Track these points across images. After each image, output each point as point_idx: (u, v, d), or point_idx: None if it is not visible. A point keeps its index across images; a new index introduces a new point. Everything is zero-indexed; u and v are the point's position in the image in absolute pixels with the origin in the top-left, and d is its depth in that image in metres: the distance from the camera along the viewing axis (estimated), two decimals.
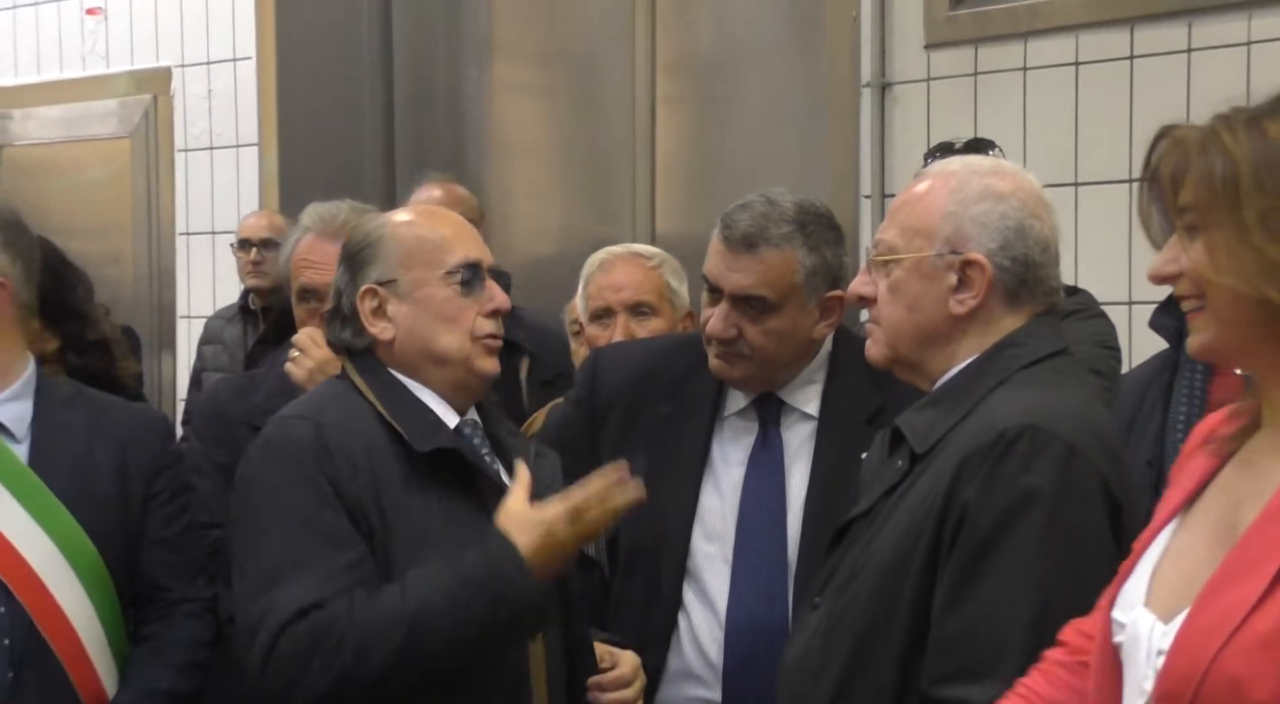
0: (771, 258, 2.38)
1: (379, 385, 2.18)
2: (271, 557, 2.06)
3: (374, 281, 2.19)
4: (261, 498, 2.10)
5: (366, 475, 2.10)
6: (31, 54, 5.29)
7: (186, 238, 4.98)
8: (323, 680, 1.99)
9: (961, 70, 3.62)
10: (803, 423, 2.48)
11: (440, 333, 2.18)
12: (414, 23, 4.90)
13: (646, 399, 2.55)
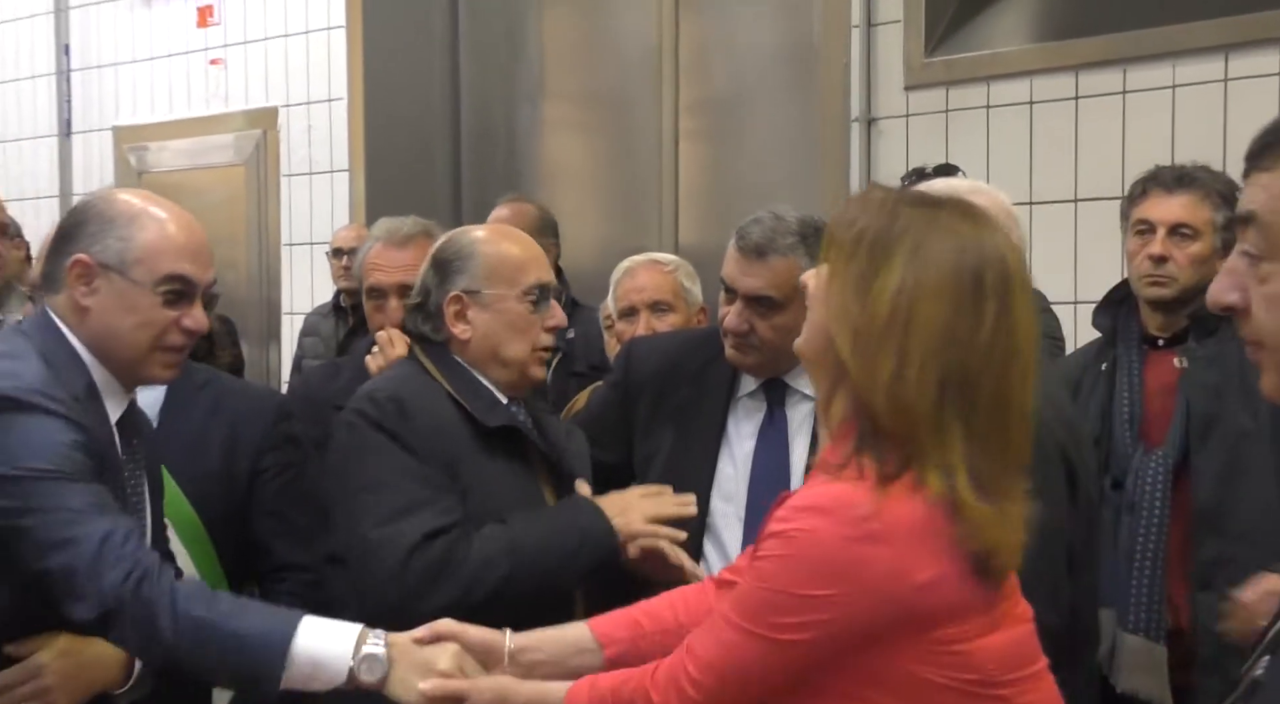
0: (778, 264, 2.35)
1: (448, 370, 2.17)
2: (389, 501, 2.05)
3: (461, 289, 2.18)
4: (370, 458, 2.08)
5: (445, 442, 2.10)
6: (165, 97, 5.30)
7: (289, 248, 4.99)
8: (447, 594, 1.99)
9: (935, 108, 3.60)
10: (804, 403, 2.44)
11: (510, 341, 2.18)
12: (478, 70, 4.89)
13: (673, 383, 2.52)
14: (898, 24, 3.64)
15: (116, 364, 2.00)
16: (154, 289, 1.96)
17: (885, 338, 1.38)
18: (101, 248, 1.96)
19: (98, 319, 1.96)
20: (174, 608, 1.78)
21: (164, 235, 1.99)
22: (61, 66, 5.52)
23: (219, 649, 1.80)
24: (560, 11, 4.74)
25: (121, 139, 5.42)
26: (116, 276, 1.95)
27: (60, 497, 1.81)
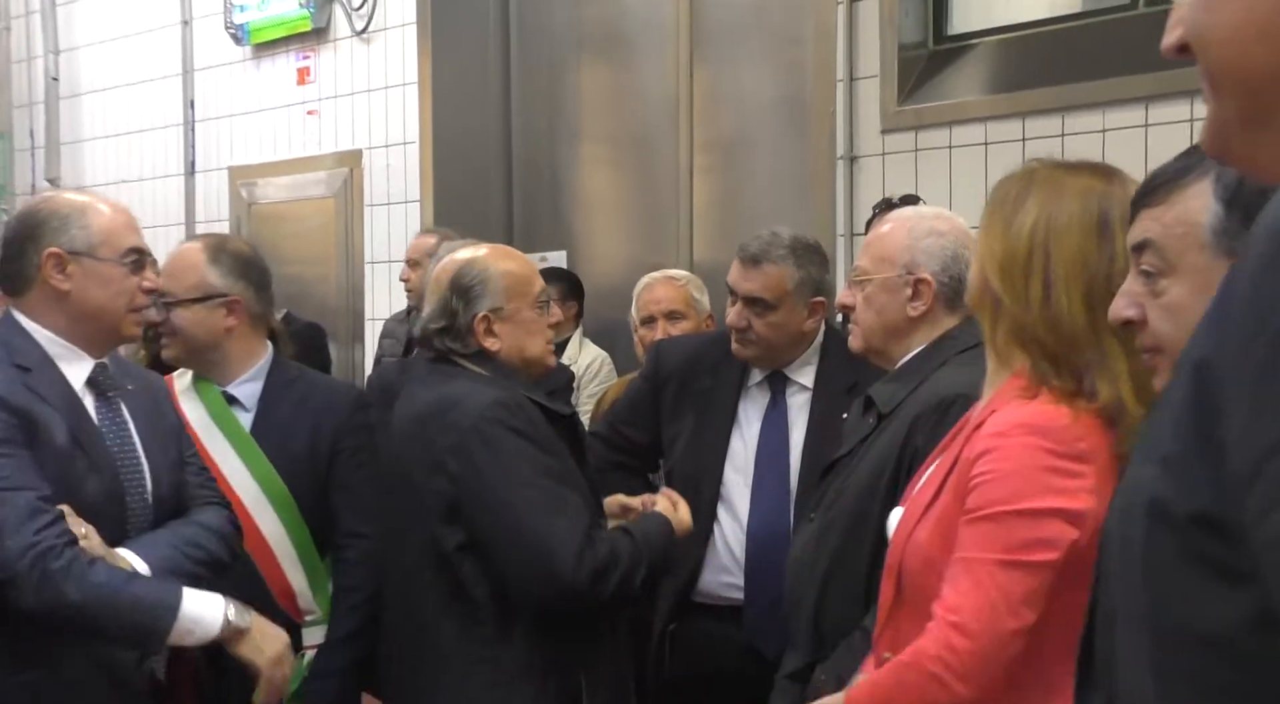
0: (771, 271, 2.37)
1: (503, 375, 2.12)
2: (537, 504, 1.97)
3: (486, 311, 2.10)
4: (514, 460, 1.99)
5: (550, 437, 2.06)
6: (270, 142, 5.32)
7: (371, 265, 4.99)
8: (609, 589, 1.96)
9: (906, 148, 3.58)
10: (801, 392, 2.46)
11: (530, 343, 2.14)
12: (526, 116, 4.88)
13: (693, 375, 2.53)
14: (875, 78, 3.63)
15: (95, 333, 1.96)
16: (120, 261, 1.96)
17: (1029, 267, 1.39)
18: (68, 239, 1.93)
19: (78, 297, 1.93)
20: (80, 576, 1.75)
21: (113, 218, 1.99)
22: (187, 118, 5.55)
23: (118, 609, 1.79)
24: (594, 67, 4.74)
25: (235, 177, 5.43)
26: (87, 259, 1.93)
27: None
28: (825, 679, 1.83)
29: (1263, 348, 0.56)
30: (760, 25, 4.18)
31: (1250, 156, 0.70)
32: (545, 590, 1.96)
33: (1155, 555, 0.63)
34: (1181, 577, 0.61)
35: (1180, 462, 0.62)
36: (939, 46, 3.64)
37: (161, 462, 2.02)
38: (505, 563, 1.99)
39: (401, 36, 4.79)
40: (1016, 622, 1.34)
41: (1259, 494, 0.56)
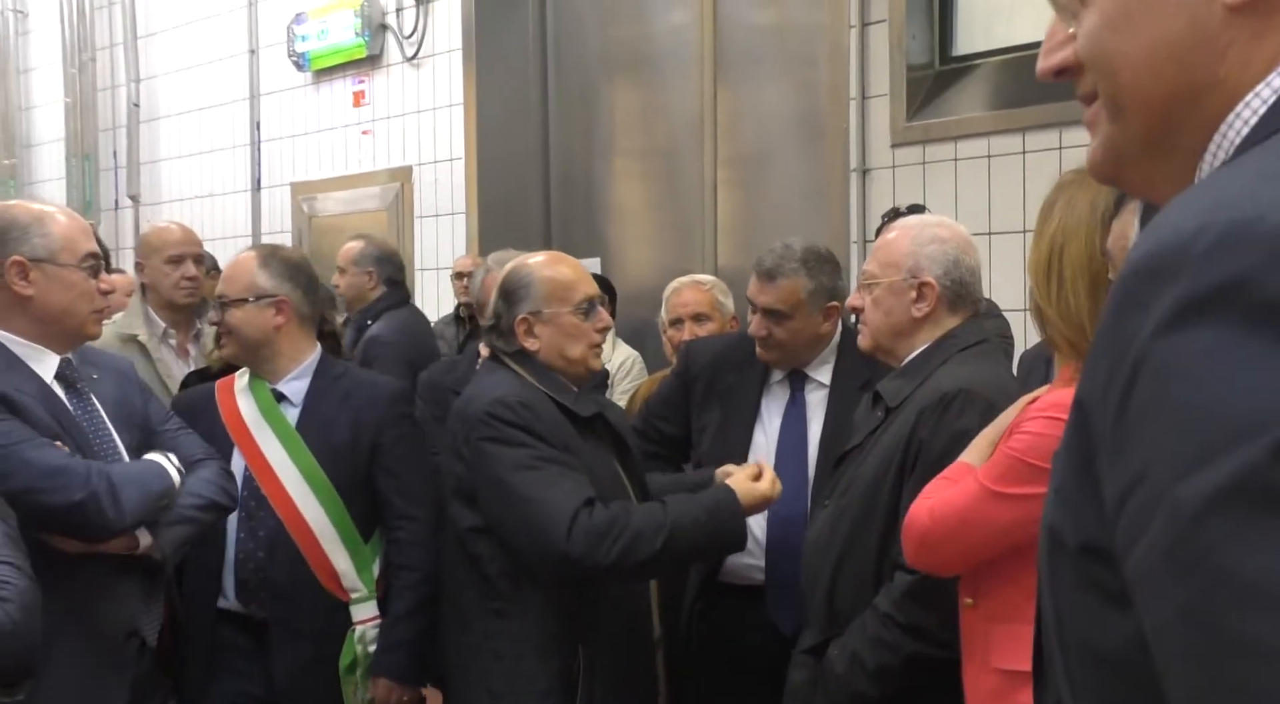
0: (785, 284, 2.36)
1: (538, 374, 2.11)
2: (539, 478, 1.94)
3: (527, 313, 2.10)
4: (514, 449, 1.98)
5: (560, 430, 2.03)
6: (329, 159, 5.35)
7: (421, 272, 5.00)
8: (605, 557, 1.89)
9: (914, 161, 3.57)
10: (819, 389, 2.44)
11: (569, 345, 2.11)
12: (562, 134, 4.89)
13: (720, 373, 2.52)
14: (885, 97, 3.62)
15: (59, 334, 1.95)
16: (79, 266, 1.94)
17: (1050, 268, 1.45)
18: (29, 248, 1.91)
19: (41, 301, 1.92)
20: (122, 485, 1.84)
21: (70, 225, 1.98)
22: (253, 138, 5.59)
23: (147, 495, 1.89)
24: (625, 88, 4.74)
25: (297, 192, 5.47)
26: (49, 265, 1.92)
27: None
28: (838, 654, 1.83)
29: (1117, 391, 0.55)
30: (778, 49, 4.17)
31: (1147, 178, 0.67)
32: (543, 559, 1.93)
33: (1056, 578, 0.63)
34: (1079, 599, 0.61)
35: (1068, 494, 0.62)
36: (944, 67, 3.63)
37: (131, 438, 2.04)
38: (510, 539, 1.99)
39: (448, 62, 4.82)
40: (970, 537, 1.50)
41: (1122, 530, 0.55)
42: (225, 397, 2.37)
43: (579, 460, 2.03)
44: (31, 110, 6.80)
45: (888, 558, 1.82)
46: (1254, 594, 0.48)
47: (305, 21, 5.21)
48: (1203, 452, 0.51)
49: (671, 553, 1.95)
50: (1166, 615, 0.52)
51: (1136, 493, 0.54)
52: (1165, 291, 0.53)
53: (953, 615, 1.68)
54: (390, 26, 4.97)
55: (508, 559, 2.01)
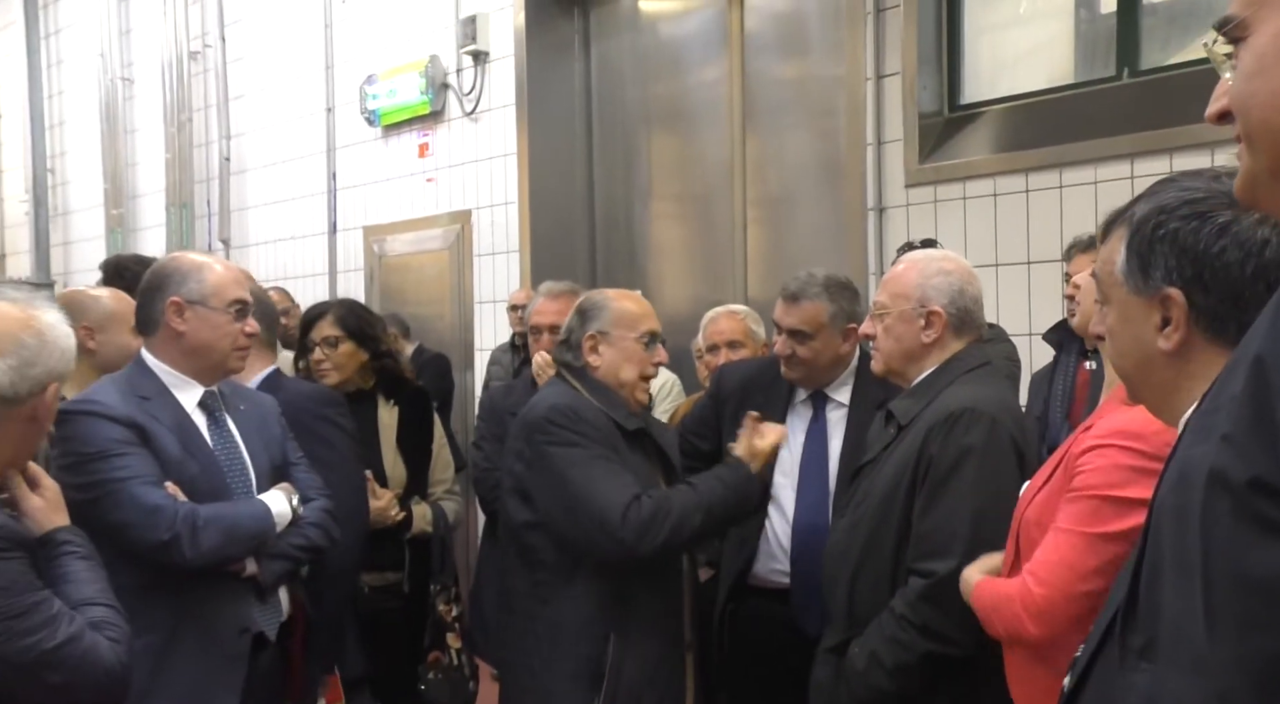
0: (808, 307, 2.36)
1: (592, 389, 2.16)
2: (593, 476, 2.01)
3: (595, 331, 2.17)
4: (568, 450, 2.04)
5: (610, 437, 2.09)
6: (396, 205, 5.38)
7: (479, 305, 5.03)
8: (659, 539, 1.97)
9: (926, 200, 3.56)
10: (839, 409, 2.44)
11: (626, 368, 2.17)
12: (606, 179, 4.92)
13: (749, 394, 2.51)
14: (899, 142, 3.62)
15: (204, 367, 2.02)
16: (225, 310, 2.03)
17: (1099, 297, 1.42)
18: (187, 291, 2.01)
19: (191, 338, 2.00)
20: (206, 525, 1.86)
21: (223, 275, 2.06)
22: (330, 187, 5.66)
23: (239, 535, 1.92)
24: (662, 137, 4.76)
25: (369, 234, 5.52)
26: (200, 307, 2.01)
27: (112, 469, 1.84)
28: (858, 652, 1.83)
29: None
30: (801, 100, 4.19)
31: (1274, 203, 0.72)
32: (601, 545, 1.99)
33: (1212, 513, 0.65)
34: (1235, 532, 0.63)
35: (1238, 438, 0.64)
36: (953, 114, 3.63)
37: (265, 465, 2.09)
38: (568, 529, 2.03)
39: (503, 116, 4.87)
40: (1085, 585, 1.36)
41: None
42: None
43: (632, 467, 2.08)
44: (136, 166, 6.95)
45: (902, 563, 1.82)
46: None
47: (376, 82, 5.30)
48: None
49: (708, 526, 2.07)
50: None
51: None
52: None
53: (966, 616, 1.67)
54: (451, 85, 5.04)
55: (556, 550, 2.06)
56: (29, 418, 1.45)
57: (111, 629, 1.44)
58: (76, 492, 1.80)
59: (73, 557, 1.49)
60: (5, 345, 1.42)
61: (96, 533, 1.78)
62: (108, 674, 1.39)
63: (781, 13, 4.25)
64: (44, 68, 7.59)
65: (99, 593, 1.48)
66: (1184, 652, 0.66)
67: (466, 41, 4.89)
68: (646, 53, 4.74)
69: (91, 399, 1.92)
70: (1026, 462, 1.82)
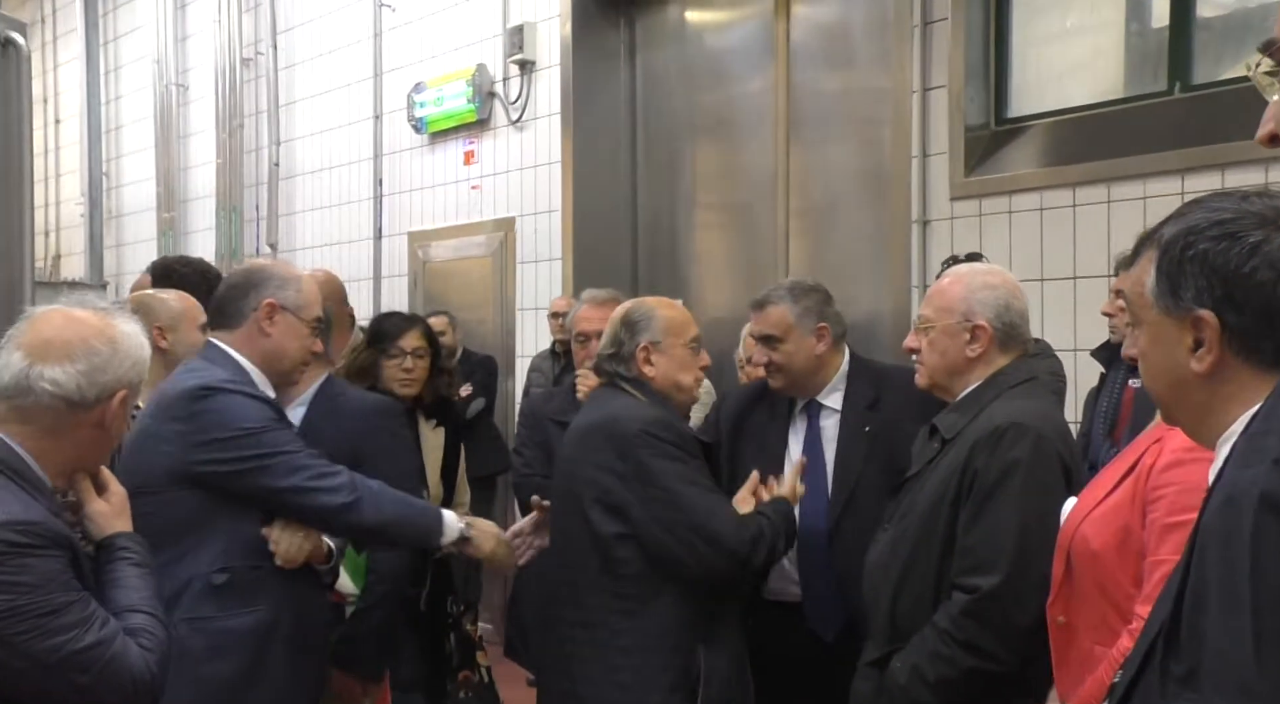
0: (773, 311, 2.34)
1: (654, 399, 2.17)
2: (703, 495, 2.08)
3: (647, 342, 2.19)
4: (674, 465, 2.08)
5: (693, 449, 2.15)
6: (442, 211, 5.43)
7: (521, 312, 5.06)
8: (760, 558, 2.07)
9: (971, 213, 3.55)
10: (832, 415, 2.40)
11: (682, 375, 2.21)
12: (650, 187, 4.94)
13: (748, 416, 2.50)
14: (945, 154, 3.61)
15: (277, 371, 2.07)
16: (309, 324, 2.08)
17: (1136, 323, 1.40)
18: (285, 297, 2.05)
19: (275, 342, 2.04)
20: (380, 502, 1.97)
21: (314, 291, 2.12)
22: (376, 193, 5.72)
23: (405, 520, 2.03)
24: (706, 147, 4.77)
25: (413, 240, 5.57)
26: (291, 316, 2.05)
27: (278, 442, 1.91)
28: (900, 666, 1.83)
29: None
30: (846, 111, 4.19)
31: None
32: (717, 561, 2.04)
33: (1264, 537, 0.64)
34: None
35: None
36: (999, 127, 3.61)
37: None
38: (675, 545, 2.05)
39: (549, 125, 4.91)
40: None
41: None
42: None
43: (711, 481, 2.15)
44: (189, 170, 7.08)
45: (945, 577, 1.81)
46: None
47: (424, 90, 5.36)
48: None
49: (784, 550, 2.15)
50: None
51: None
52: None
53: (1010, 632, 1.67)
54: (498, 94, 5.09)
55: (645, 564, 2.07)
56: (96, 424, 1.48)
57: (148, 637, 1.43)
58: (232, 463, 1.88)
59: (125, 562, 1.50)
60: (77, 351, 1.45)
61: (258, 500, 1.90)
62: (134, 681, 1.39)
63: (828, 24, 4.26)
64: (101, 74, 7.79)
65: (144, 601, 1.48)
66: (1230, 679, 0.64)
67: (514, 50, 4.94)
68: (692, 63, 4.76)
69: (218, 378, 1.95)
70: (1073, 477, 1.81)
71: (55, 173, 8.31)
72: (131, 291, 3.13)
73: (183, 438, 1.89)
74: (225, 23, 6.50)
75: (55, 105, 8.30)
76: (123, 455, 1.96)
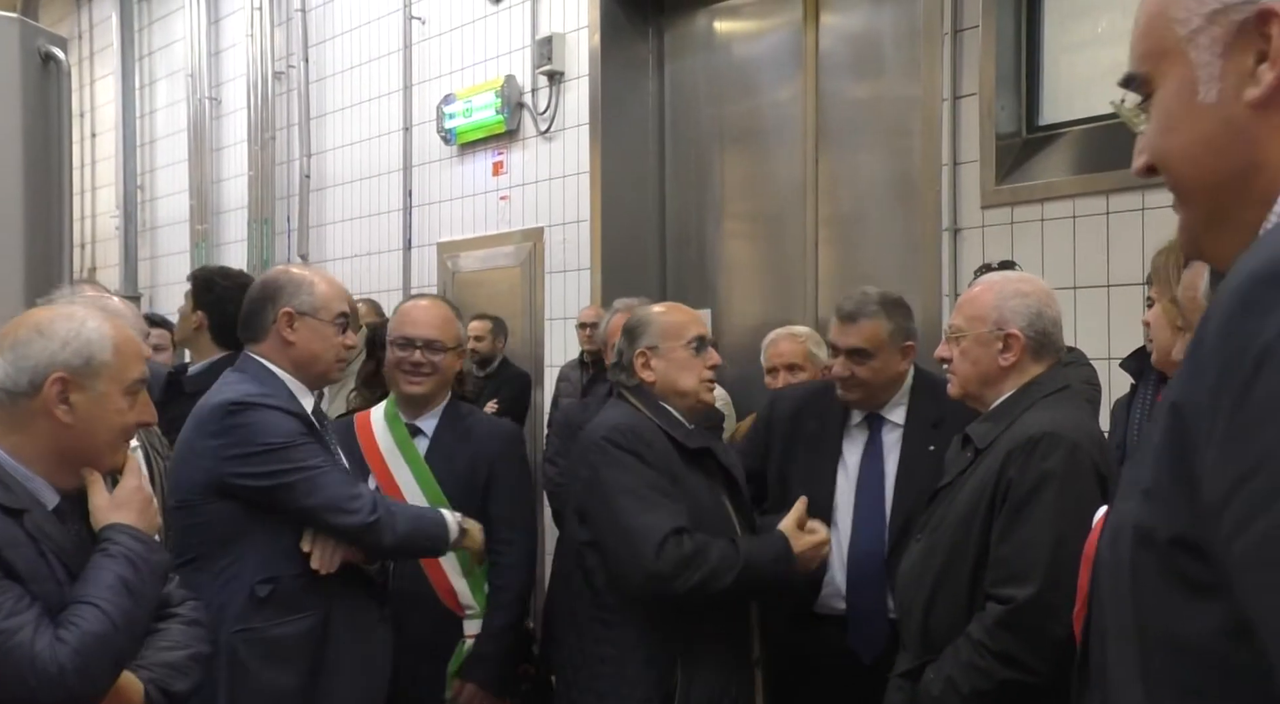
0: (866, 325, 2.34)
1: (652, 408, 2.16)
2: (640, 503, 2.01)
3: (643, 347, 2.19)
4: (622, 472, 2.04)
5: (668, 460, 2.08)
6: (471, 222, 5.46)
7: (550, 321, 5.07)
8: (686, 584, 1.96)
9: (1003, 221, 3.53)
10: (895, 429, 2.41)
11: (682, 377, 2.18)
12: (678, 197, 4.94)
13: (801, 421, 2.49)
14: (976, 162, 3.60)
15: (310, 374, 2.10)
16: (332, 322, 2.10)
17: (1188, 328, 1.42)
18: (299, 302, 2.08)
19: (300, 347, 2.07)
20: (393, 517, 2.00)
21: (331, 289, 2.14)
22: (406, 204, 5.76)
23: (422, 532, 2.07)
24: (734, 156, 4.78)
25: (442, 251, 5.60)
26: (310, 318, 2.08)
27: (303, 457, 1.93)
28: (934, 678, 1.82)
29: (1235, 388, 0.55)
30: (875, 120, 4.18)
31: (1215, 251, 0.71)
32: (632, 575, 1.98)
33: (1141, 574, 0.63)
34: (1163, 592, 0.61)
35: (1160, 493, 0.62)
36: (1031, 135, 3.59)
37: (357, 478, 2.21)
38: (608, 553, 2.04)
39: (577, 135, 4.93)
40: None
41: (1231, 516, 0.55)
42: (364, 428, 2.48)
43: (681, 490, 2.06)
44: (221, 182, 7.17)
45: (979, 588, 1.80)
46: None
47: (453, 102, 5.41)
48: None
49: (739, 589, 2.02)
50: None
51: (1256, 477, 0.53)
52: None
53: (1044, 643, 1.65)
54: (526, 105, 5.12)
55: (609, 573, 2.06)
56: (45, 413, 1.44)
57: (71, 629, 1.35)
58: (263, 479, 1.91)
59: (101, 553, 1.45)
60: (4, 342, 1.46)
61: (289, 515, 1.92)
62: (37, 673, 1.31)
63: (857, 33, 4.26)
64: (136, 88, 7.92)
65: (98, 593, 1.40)
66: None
67: (542, 62, 4.98)
68: (721, 72, 4.77)
69: (252, 392, 1.99)
70: (1108, 487, 1.79)
71: (91, 186, 8.45)
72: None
73: (216, 452, 1.93)
74: (258, 37, 6.59)
75: (91, 119, 8.45)
76: (168, 468, 2.01)
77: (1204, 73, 0.68)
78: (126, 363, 1.51)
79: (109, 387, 1.49)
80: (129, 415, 1.53)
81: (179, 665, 1.52)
